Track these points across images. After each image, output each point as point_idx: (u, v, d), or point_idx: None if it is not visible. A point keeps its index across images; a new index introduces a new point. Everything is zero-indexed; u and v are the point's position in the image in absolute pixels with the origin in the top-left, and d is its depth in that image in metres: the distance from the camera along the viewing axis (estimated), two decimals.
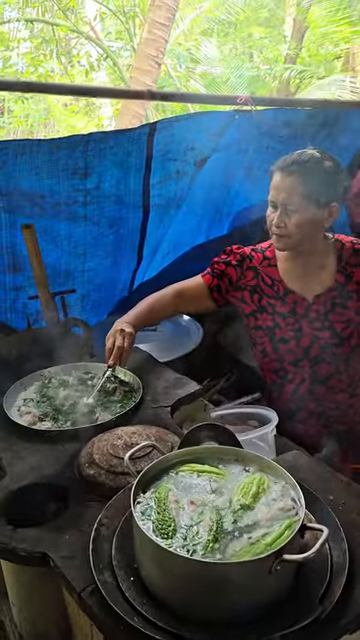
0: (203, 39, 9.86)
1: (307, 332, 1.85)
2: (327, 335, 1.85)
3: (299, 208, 1.70)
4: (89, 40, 8.54)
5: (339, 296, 1.84)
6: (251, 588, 0.98)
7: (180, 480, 1.19)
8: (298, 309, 1.86)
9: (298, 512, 1.08)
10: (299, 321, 1.86)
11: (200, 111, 2.48)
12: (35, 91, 1.99)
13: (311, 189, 1.68)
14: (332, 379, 1.89)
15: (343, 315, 1.84)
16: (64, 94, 2.49)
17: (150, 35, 5.73)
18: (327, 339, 1.85)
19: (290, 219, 1.72)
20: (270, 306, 1.88)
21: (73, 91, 2.26)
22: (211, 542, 1.02)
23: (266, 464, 1.22)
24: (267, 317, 1.89)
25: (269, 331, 1.90)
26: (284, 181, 1.71)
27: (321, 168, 1.70)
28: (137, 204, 2.54)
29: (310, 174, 1.68)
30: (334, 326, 1.84)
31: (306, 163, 1.70)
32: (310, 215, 1.71)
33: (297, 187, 1.69)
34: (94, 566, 1.08)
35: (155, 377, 1.91)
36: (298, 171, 1.69)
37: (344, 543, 1.12)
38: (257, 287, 1.90)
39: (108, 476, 1.36)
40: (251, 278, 1.91)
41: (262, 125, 2.70)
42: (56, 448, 1.54)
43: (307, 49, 11.95)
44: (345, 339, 1.84)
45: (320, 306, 1.84)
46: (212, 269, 1.96)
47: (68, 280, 2.54)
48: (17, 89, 1.93)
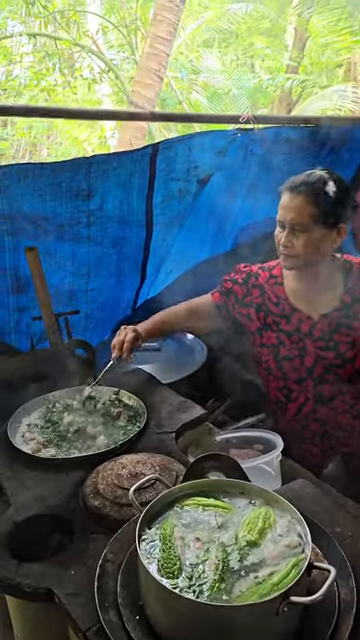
0: (204, 50, 9.90)
1: (311, 351, 1.85)
2: (331, 355, 1.84)
3: (307, 228, 1.71)
4: (91, 53, 8.59)
5: (345, 317, 1.84)
6: (258, 630, 0.97)
7: (185, 515, 1.18)
8: (303, 327, 1.86)
9: (305, 549, 1.07)
10: (303, 340, 1.86)
11: (202, 131, 2.50)
12: (36, 115, 2.00)
13: (319, 210, 1.69)
14: (335, 400, 1.89)
15: (348, 336, 1.83)
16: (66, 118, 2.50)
17: (152, 49, 5.77)
18: (331, 359, 1.84)
19: (298, 239, 1.72)
20: (275, 324, 1.89)
21: (75, 115, 2.26)
22: (217, 582, 1.01)
23: (272, 498, 1.21)
24: (272, 335, 1.90)
25: (274, 349, 1.90)
26: (292, 201, 1.72)
27: (329, 189, 1.70)
28: (140, 223, 2.55)
29: (318, 195, 1.69)
30: (338, 347, 1.84)
31: (314, 184, 1.70)
32: (318, 235, 1.71)
33: (305, 207, 1.70)
34: (99, 605, 1.07)
35: (159, 400, 1.91)
36: (306, 192, 1.70)
37: (352, 580, 1.11)
38: (263, 305, 1.91)
39: (113, 507, 1.35)
40: (257, 296, 1.91)
41: (264, 143, 2.71)
42: (60, 477, 1.53)
43: (309, 57, 12.02)
44: (349, 360, 1.84)
45: (325, 325, 1.84)
46: (221, 286, 1.99)
47: (72, 300, 2.54)
48: (18, 114, 1.94)
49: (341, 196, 1.73)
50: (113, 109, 6.70)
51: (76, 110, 2.08)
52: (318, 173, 1.74)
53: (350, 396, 1.89)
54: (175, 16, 5.76)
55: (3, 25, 8.62)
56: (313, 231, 1.71)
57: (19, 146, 10.94)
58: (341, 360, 1.84)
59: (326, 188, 1.70)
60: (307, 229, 1.71)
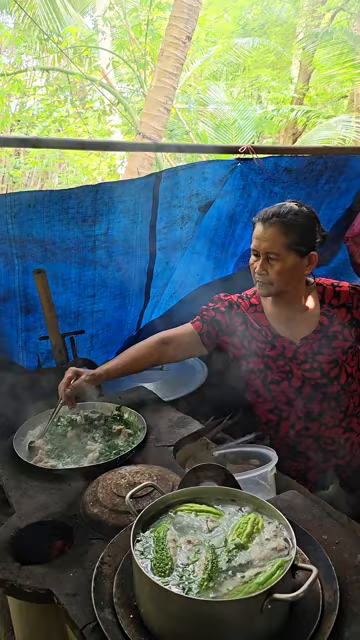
0: (211, 82, 10.21)
1: (297, 373, 1.93)
2: (317, 376, 1.92)
3: (280, 257, 1.81)
4: (102, 86, 8.90)
5: (324, 337, 1.92)
6: (243, 626, 1.03)
7: (178, 520, 1.25)
8: (287, 352, 1.94)
9: (290, 552, 1.13)
10: (288, 364, 1.94)
11: (203, 161, 2.61)
12: (43, 147, 2.13)
13: (291, 239, 1.80)
14: (325, 415, 1.96)
15: (330, 356, 1.92)
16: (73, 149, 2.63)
17: (159, 83, 6.00)
18: (317, 379, 1.92)
19: (272, 267, 1.83)
20: (260, 350, 1.97)
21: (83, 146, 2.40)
22: (205, 581, 1.07)
23: (260, 504, 1.27)
24: (258, 360, 1.98)
25: (261, 374, 1.98)
26: (266, 232, 1.83)
27: (300, 220, 1.82)
28: (144, 248, 2.66)
29: (289, 225, 1.80)
30: (322, 367, 1.92)
31: (286, 215, 1.82)
32: (291, 263, 1.82)
33: (278, 237, 1.81)
34: (95, 604, 1.14)
35: (159, 416, 1.98)
36: (278, 223, 1.81)
37: (335, 583, 1.17)
38: (246, 332, 1.99)
39: (111, 515, 1.42)
40: (240, 323, 2.00)
41: (264, 172, 2.84)
42: (62, 487, 1.60)
43: (314, 89, 12.34)
44: (334, 378, 1.92)
45: (307, 348, 1.93)
46: (201, 316, 2.06)
47: (78, 321, 2.64)
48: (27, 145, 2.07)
49: (311, 226, 1.85)
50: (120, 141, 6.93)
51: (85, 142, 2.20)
52: (289, 205, 1.85)
53: (338, 411, 1.96)
54: (181, 52, 6.01)
55: (18, 60, 8.98)
56: (286, 259, 1.82)
57: (31, 174, 11.24)
58: (327, 379, 1.92)
59: (297, 219, 1.82)
60: (280, 257, 1.82)
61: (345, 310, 1.96)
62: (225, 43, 11.69)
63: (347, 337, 1.95)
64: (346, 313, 1.96)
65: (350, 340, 1.95)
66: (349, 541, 1.33)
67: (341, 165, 3.22)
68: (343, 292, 1.97)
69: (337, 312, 1.95)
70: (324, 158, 3.12)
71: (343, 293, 1.97)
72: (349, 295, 1.97)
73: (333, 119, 8.80)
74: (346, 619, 1.11)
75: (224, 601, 1.03)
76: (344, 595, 1.16)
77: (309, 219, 1.87)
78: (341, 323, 1.95)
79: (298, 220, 1.83)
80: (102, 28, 9.06)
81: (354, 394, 2.01)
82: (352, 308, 1.96)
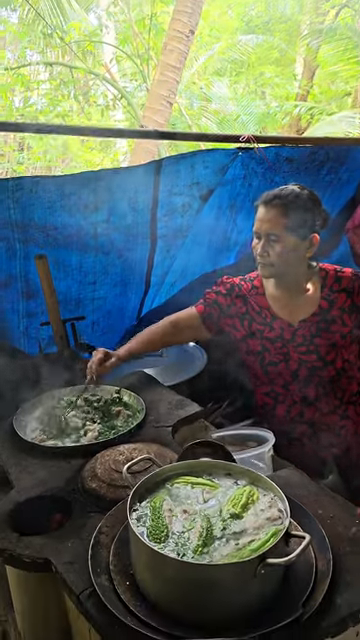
0: (215, 78, 10.22)
1: (294, 356, 1.95)
2: (313, 359, 1.94)
3: (281, 238, 1.83)
4: (105, 81, 8.92)
5: (323, 321, 1.94)
6: (237, 591, 1.05)
7: (175, 491, 1.27)
8: (285, 334, 1.96)
9: (284, 521, 1.15)
10: (286, 346, 1.95)
11: (204, 149, 2.63)
12: (44, 132, 2.16)
13: (292, 221, 1.82)
14: (321, 401, 1.97)
15: (328, 340, 1.93)
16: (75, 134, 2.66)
17: (162, 77, 6.02)
18: (313, 362, 1.94)
19: (273, 249, 1.85)
20: (259, 332, 1.99)
21: (84, 132, 2.42)
22: (200, 547, 1.09)
23: (256, 477, 1.29)
24: (257, 342, 2.00)
25: (259, 355, 2.00)
26: (267, 213, 1.85)
27: (301, 202, 1.84)
28: (145, 236, 2.68)
29: (291, 207, 1.83)
30: (319, 350, 1.93)
31: (287, 197, 1.84)
32: (291, 245, 1.84)
33: (279, 219, 1.83)
34: (92, 570, 1.16)
35: (158, 399, 2.00)
36: (280, 204, 1.83)
37: (329, 553, 1.18)
38: (246, 314, 2.01)
39: (109, 489, 1.44)
40: (241, 306, 2.02)
41: (265, 162, 2.85)
42: (61, 464, 1.62)
43: (318, 86, 12.34)
44: (330, 363, 1.93)
45: (305, 331, 1.94)
46: (204, 299, 2.09)
47: (79, 308, 2.66)
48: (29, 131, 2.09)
49: (312, 209, 1.87)
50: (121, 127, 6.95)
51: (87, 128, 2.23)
52: (291, 187, 1.88)
53: (333, 397, 1.97)
54: (185, 45, 6.02)
55: (22, 54, 9.02)
56: (287, 241, 1.84)
57: (35, 169, 11.25)
58: (323, 363, 1.94)
59: (298, 201, 1.84)
60: (281, 239, 1.84)
61: (346, 295, 1.97)
62: (229, 39, 11.69)
63: (346, 322, 1.96)
64: (346, 298, 1.97)
65: (349, 326, 1.97)
66: (344, 515, 1.35)
67: (343, 156, 3.23)
68: (345, 277, 1.99)
69: (337, 297, 1.97)
70: (325, 149, 3.13)
71: (345, 278, 1.98)
72: (351, 280, 1.98)
73: (336, 115, 8.80)
74: (339, 587, 1.13)
75: (218, 565, 1.05)
76: (337, 565, 1.18)
77: (310, 202, 1.89)
78: (341, 308, 1.96)
79: (299, 202, 1.85)
80: (106, 22, 9.08)
81: (352, 381, 2.02)
82: (353, 294, 1.97)
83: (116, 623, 1.05)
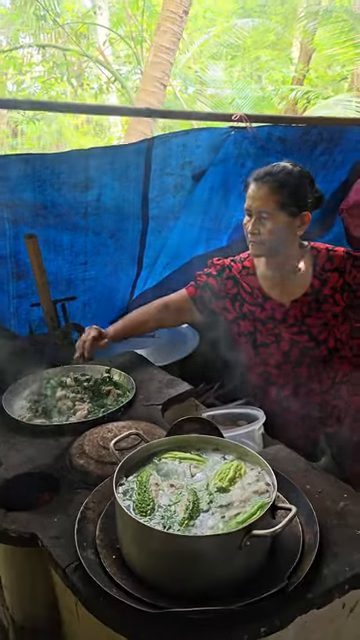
0: (210, 62, 10.11)
1: (286, 336, 1.93)
2: (305, 339, 1.92)
3: (272, 215, 1.81)
4: (98, 64, 8.81)
5: (315, 301, 1.92)
6: (223, 562, 1.04)
7: (162, 466, 1.26)
8: (276, 315, 1.94)
9: (271, 494, 1.14)
10: (278, 326, 1.94)
11: (196, 127, 2.59)
12: (35, 109, 2.12)
13: (283, 198, 1.80)
14: (313, 381, 1.96)
15: (319, 319, 1.92)
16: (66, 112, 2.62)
17: (156, 58, 5.94)
18: (305, 342, 1.92)
19: (264, 226, 1.82)
20: (250, 313, 1.97)
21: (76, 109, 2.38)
22: (186, 519, 1.09)
23: (244, 452, 1.28)
24: (248, 323, 1.98)
25: (251, 336, 1.98)
26: (258, 190, 1.82)
27: (292, 179, 1.82)
28: (136, 216, 2.65)
29: (282, 184, 1.80)
30: (311, 330, 1.92)
31: (278, 174, 1.81)
32: (282, 222, 1.82)
33: (270, 196, 1.80)
34: (78, 544, 1.15)
35: (148, 378, 1.99)
36: (271, 181, 1.81)
37: (316, 526, 1.18)
38: (237, 295, 1.99)
39: (97, 465, 1.43)
40: (231, 287, 2.00)
41: (258, 141, 2.82)
42: (50, 442, 1.61)
43: (315, 70, 12.22)
44: (322, 342, 1.92)
45: (297, 311, 1.92)
46: (195, 281, 2.07)
47: (70, 288, 2.64)
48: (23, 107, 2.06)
49: (303, 186, 1.84)
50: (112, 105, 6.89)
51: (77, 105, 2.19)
52: (282, 164, 1.85)
53: (326, 376, 1.96)
54: (179, 26, 5.94)
55: (15, 37, 8.88)
56: (278, 218, 1.82)
57: None
58: (315, 342, 1.92)
59: (289, 178, 1.81)
60: (272, 216, 1.81)
61: (338, 274, 1.95)
62: (224, 23, 11.54)
63: (338, 302, 1.94)
64: (338, 277, 1.95)
65: (341, 305, 1.95)
66: (332, 490, 1.35)
67: (337, 137, 3.20)
68: (337, 256, 1.96)
69: (329, 276, 1.95)
70: (319, 129, 3.10)
71: (337, 257, 1.96)
72: (343, 259, 1.96)
73: (332, 99, 8.72)
74: (325, 559, 1.12)
75: (204, 536, 1.04)
76: (325, 537, 1.18)
77: (302, 179, 1.86)
78: (333, 287, 1.94)
79: (290, 179, 1.82)
80: (99, 3, 8.93)
81: (343, 360, 2.01)
82: (344, 273, 1.95)
83: (101, 595, 1.05)
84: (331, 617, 1.11)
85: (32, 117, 8.72)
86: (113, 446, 1.29)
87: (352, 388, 2.01)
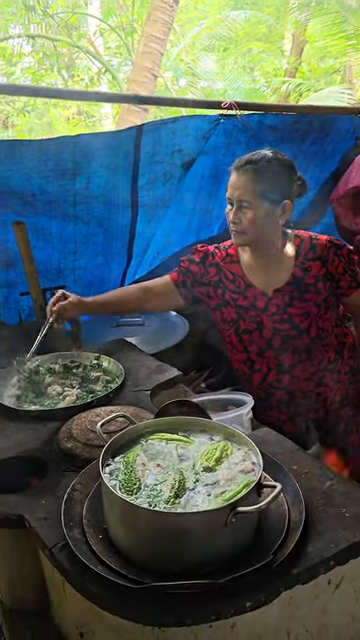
0: (202, 54, 10.06)
1: (268, 325, 1.94)
2: (287, 327, 1.93)
3: (252, 205, 1.80)
4: (89, 55, 8.75)
5: (297, 290, 1.92)
6: (209, 539, 1.04)
7: (149, 447, 1.26)
8: (258, 303, 1.94)
9: (256, 472, 1.14)
10: (260, 314, 1.94)
11: (185, 115, 2.58)
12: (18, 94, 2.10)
13: (263, 186, 1.79)
14: (296, 368, 1.97)
15: (301, 308, 1.92)
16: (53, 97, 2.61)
17: (146, 48, 5.91)
18: (287, 331, 1.93)
19: (245, 215, 1.82)
20: (233, 300, 1.97)
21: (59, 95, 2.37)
22: (172, 498, 1.09)
23: (231, 432, 1.29)
24: (231, 310, 1.98)
25: (234, 323, 1.98)
26: (239, 179, 1.82)
27: (273, 167, 1.80)
28: (126, 204, 2.64)
29: (262, 172, 1.79)
30: (293, 319, 1.92)
31: (258, 162, 1.80)
32: (263, 211, 1.81)
33: (250, 185, 1.79)
34: (65, 524, 1.15)
35: (137, 365, 1.99)
36: (251, 170, 1.80)
37: (302, 505, 1.19)
38: (220, 282, 1.99)
39: (85, 448, 1.43)
40: (214, 274, 1.99)
41: (248, 129, 2.81)
42: (38, 427, 1.61)
43: (307, 63, 12.18)
44: (304, 331, 1.92)
45: (279, 300, 1.92)
46: (179, 267, 2.06)
47: (59, 277, 2.63)
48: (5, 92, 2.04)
49: (284, 174, 1.83)
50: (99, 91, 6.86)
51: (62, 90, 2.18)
52: (263, 152, 1.84)
53: (309, 364, 1.97)
54: (169, 16, 5.90)
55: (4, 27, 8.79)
56: (258, 207, 1.81)
57: None
58: (297, 331, 1.92)
59: (269, 166, 1.80)
60: (252, 205, 1.80)
61: (320, 263, 1.95)
62: (217, 14, 11.48)
63: (320, 290, 1.94)
64: (321, 266, 1.94)
65: (323, 294, 1.94)
66: (318, 471, 1.35)
67: (327, 127, 3.21)
68: (320, 245, 1.96)
69: (312, 265, 1.94)
70: (310, 117, 3.11)
71: (320, 246, 1.96)
72: (325, 248, 1.95)
73: (324, 90, 8.71)
74: (311, 536, 1.14)
75: (190, 513, 1.04)
76: (310, 516, 1.19)
77: (283, 167, 1.85)
78: (315, 276, 1.94)
79: (271, 167, 1.81)
80: None
81: (328, 348, 2.00)
82: (327, 262, 1.94)
83: (87, 573, 1.05)
84: (317, 593, 1.12)
85: (22, 109, 8.66)
86: (100, 428, 1.29)
87: (337, 375, 2.02)
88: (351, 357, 2.08)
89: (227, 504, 1.03)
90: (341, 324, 2.07)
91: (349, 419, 2.11)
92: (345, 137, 3.34)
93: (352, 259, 1.98)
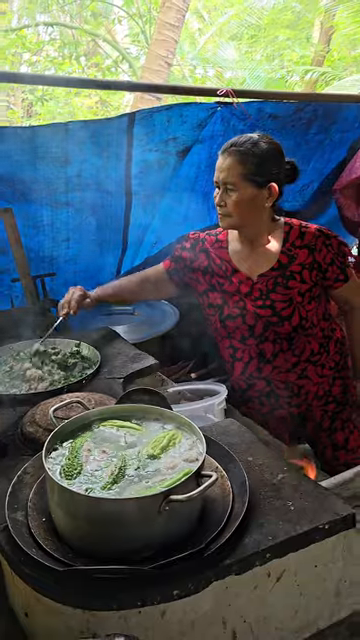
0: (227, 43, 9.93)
1: (251, 310, 1.92)
2: (268, 313, 1.91)
3: (237, 187, 1.79)
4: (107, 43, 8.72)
5: (281, 276, 1.90)
6: (141, 526, 1.04)
7: (99, 434, 1.27)
8: (242, 288, 1.92)
9: (199, 462, 1.14)
10: (243, 299, 1.92)
11: (179, 102, 2.56)
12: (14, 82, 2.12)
13: (247, 169, 1.77)
14: (277, 358, 1.95)
15: (284, 295, 1.89)
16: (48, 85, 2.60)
17: (160, 36, 5.86)
18: (268, 317, 1.91)
19: (230, 197, 1.81)
20: (219, 285, 1.96)
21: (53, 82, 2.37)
22: (109, 484, 1.10)
23: (183, 421, 1.28)
24: (217, 295, 1.97)
25: (218, 309, 1.97)
26: (224, 162, 1.81)
27: (258, 150, 1.78)
28: (119, 193, 2.64)
29: (246, 155, 1.78)
30: (275, 305, 1.89)
31: (243, 144, 1.79)
32: (248, 194, 1.79)
33: (234, 167, 1.78)
34: (8, 506, 1.17)
35: (116, 352, 2.00)
36: (235, 152, 1.79)
37: (246, 496, 1.18)
38: (209, 267, 1.98)
39: (45, 433, 1.44)
40: (203, 259, 1.99)
41: (247, 118, 2.77)
42: (7, 411, 1.64)
43: (337, 52, 11.91)
44: (285, 318, 1.89)
45: (262, 285, 1.91)
46: (171, 255, 2.06)
47: (52, 265, 2.65)
48: None
49: (270, 156, 1.81)
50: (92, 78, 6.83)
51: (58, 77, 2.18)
52: (249, 135, 1.83)
53: (291, 354, 1.94)
54: (184, 2, 5.83)
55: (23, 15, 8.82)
56: (243, 189, 1.80)
57: None
58: (278, 318, 1.90)
59: (254, 149, 1.78)
60: (237, 187, 1.79)
61: (308, 251, 1.92)
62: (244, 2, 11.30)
63: (305, 279, 1.91)
64: (308, 254, 1.92)
65: (308, 283, 1.92)
66: (273, 463, 1.34)
67: (333, 115, 3.13)
68: (308, 233, 1.93)
69: (298, 252, 1.92)
70: (313, 105, 3.03)
71: (308, 234, 1.93)
72: (314, 236, 1.93)
73: (348, 79, 8.50)
74: (250, 528, 1.13)
75: (121, 499, 1.05)
76: (256, 508, 1.18)
77: (269, 150, 1.83)
78: (301, 264, 1.91)
79: (255, 150, 1.79)
80: None
81: (311, 339, 1.97)
82: (315, 250, 1.92)
83: (23, 555, 1.06)
84: (255, 584, 1.11)
85: (41, 97, 8.71)
86: (52, 413, 1.30)
87: (320, 369, 1.99)
88: (337, 352, 2.05)
89: (159, 492, 1.03)
90: (330, 318, 2.04)
91: (334, 416, 2.08)
92: (353, 126, 3.27)
93: (342, 251, 1.95)
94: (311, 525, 1.12)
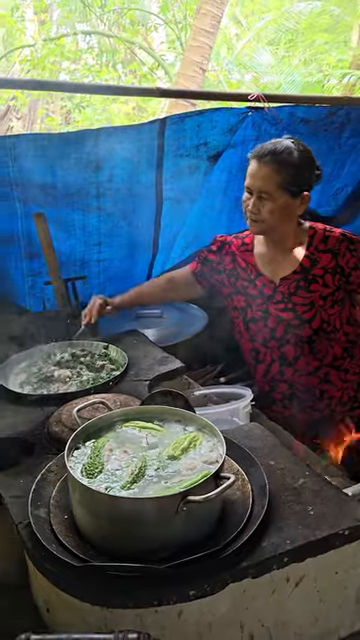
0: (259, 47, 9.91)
1: (273, 313, 1.92)
2: (290, 316, 1.91)
3: (273, 196, 1.79)
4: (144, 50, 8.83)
5: (303, 279, 1.90)
6: (159, 525, 1.06)
7: (121, 434, 1.29)
8: (265, 291, 1.93)
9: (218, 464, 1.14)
10: (266, 302, 1.93)
11: (211, 107, 2.57)
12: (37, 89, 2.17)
13: (284, 179, 1.77)
14: (299, 361, 1.94)
15: (306, 298, 1.89)
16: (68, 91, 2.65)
17: (195, 42, 5.90)
18: (289, 320, 1.90)
19: (264, 206, 1.81)
20: (243, 288, 1.97)
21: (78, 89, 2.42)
22: (129, 483, 1.11)
23: (204, 424, 1.29)
24: (241, 298, 1.98)
25: (242, 311, 1.98)
26: (260, 170, 1.80)
27: (294, 159, 1.78)
28: (150, 197, 2.66)
29: (284, 165, 1.78)
30: (296, 308, 1.89)
31: (281, 154, 1.78)
32: (283, 203, 1.80)
33: (271, 176, 1.78)
34: (32, 503, 1.20)
35: (143, 355, 2.02)
36: (272, 161, 1.78)
37: (265, 499, 1.17)
38: (234, 270, 2.00)
39: (69, 433, 1.47)
40: (229, 262, 2.01)
41: (278, 122, 2.76)
42: (35, 411, 1.68)
43: None
44: (307, 322, 1.89)
45: (284, 288, 1.91)
46: (198, 257, 2.09)
47: (83, 269, 2.69)
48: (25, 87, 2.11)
49: (305, 165, 1.81)
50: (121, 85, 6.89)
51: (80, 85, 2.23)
52: (285, 143, 1.82)
53: (312, 358, 1.93)
54: (218, 9, 5.86)
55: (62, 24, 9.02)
56: (278, 198, 1.80)
57: None
58: (299, 321, 1.90)
59: (290, 158, 1.78)
60: (273, 197, 1.80)
61: (331, 255, 1.91)
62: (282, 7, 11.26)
63: (328, 283, 1.90)
64: (331, 259, 1.91)
65: (331, 287, 1.90)
66: (295, 468, 1.33)
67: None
68: (332, 237, 1.92)
69: (321, 256, 1.91)
70: (346, 109, 2.99)
71: (332, 238, 1.92)
72: (338, 241, 1.92)
73: None
74: (269, 532, 1.12)
75: (138, 498, 1.06)
76: (274, 512, 1.17)
77: (304, 158, 1.83)
78: (324, 268, 1.90)
79: (293, 160, 1.80)
80: None
81: (334, 344, 1.95)
82: (338, 255, 1.90)
83: (44, 550, 1.09)
84: (273, 588, 1.10)
85: (78, 104, 8.89)
86: (76, 413, 1.33)
87: (344, 374, 1.97)
88: None
89: (178, 492, 1.04)
90: (355, 323, 2.02)
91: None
92: None
93: None
94: (331, 531, 1.11)
